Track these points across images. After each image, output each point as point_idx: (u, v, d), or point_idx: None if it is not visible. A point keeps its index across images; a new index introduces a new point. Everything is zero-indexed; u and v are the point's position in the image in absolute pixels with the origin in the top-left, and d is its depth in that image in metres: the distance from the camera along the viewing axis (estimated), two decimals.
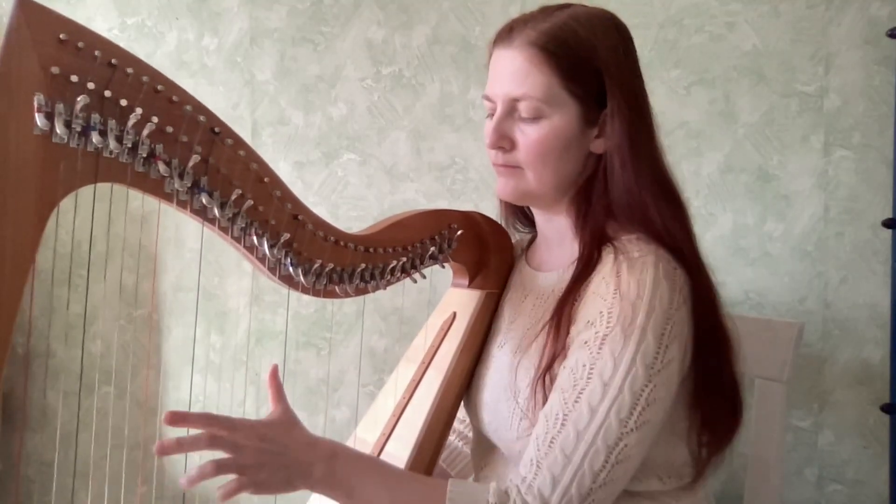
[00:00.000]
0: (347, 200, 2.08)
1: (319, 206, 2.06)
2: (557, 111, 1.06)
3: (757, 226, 1.83)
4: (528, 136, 1.07)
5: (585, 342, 0.99)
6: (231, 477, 0.90)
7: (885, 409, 1.70)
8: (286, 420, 0.97)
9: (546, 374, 1.04)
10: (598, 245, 1.07)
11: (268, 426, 0.95)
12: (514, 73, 1.06)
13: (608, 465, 0.94)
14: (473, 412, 1.23)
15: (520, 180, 1.11)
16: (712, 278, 1.08)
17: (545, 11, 1.09)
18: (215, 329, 2.15)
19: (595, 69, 1.06)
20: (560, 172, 1.10)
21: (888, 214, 1.71)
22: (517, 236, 1.32)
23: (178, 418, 0.88)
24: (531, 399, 1.05)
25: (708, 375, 1.05)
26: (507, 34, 1.09)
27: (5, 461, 2.09)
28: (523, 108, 1.06)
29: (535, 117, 1.06)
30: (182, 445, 0.87)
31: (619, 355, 0.96)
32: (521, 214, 1.29)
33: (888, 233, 1.71)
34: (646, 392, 0.95)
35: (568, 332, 1.03)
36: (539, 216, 1.21)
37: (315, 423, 2.09)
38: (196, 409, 2.10)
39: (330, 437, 1.01)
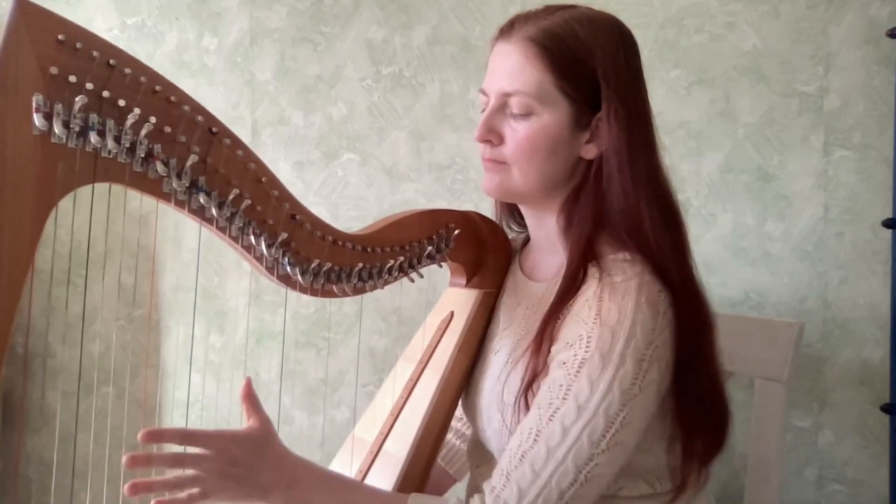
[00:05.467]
0: (347, 200, 2.08)
1: (319, 206, 2.07)
2: (548, 109, 1.04)
3: (757, 226, 1.83)
4: (516, 132, 1.06)
5: (564, 363, 0.98)
6: None
7: (885, 409, 1.70)
8: (261, 437, 0.98)
9: (528, 392, 1.03)
10: (583, 263, 1.05)
11: (241, 445, 0.95)
12: (509, 67, 1.06)
13: (576, 483, 0.95)
14: (471, 416, 1.23)
15: (504, 177, 1.10)
16: (704, 296, 1.06)
17: (548, 10, 1.08)
18: (215, 329, 2.15)
19: (591, 71, 1.04)
20: (545, 173, 1.08)
21: (888, 214, 1.71)
22: (511, 235, 1.31)
23: (153, 436, 0.90)
24: (514, 415, 1.05)
25: (692, 393, 1.03)
26: (507, 29, 1.08)
27: (5, 461, 2.10)
28: (514, 104, 1.05)
29: (526, 114, 1.05)
30: (152, 461, 0.89)
31: (597, 380, 0.95)
32: (517, 213, 1.28)
33: (888, 233, 1.71)
34: (621, 416, 0.95)
35: (549, 351, 1.03)
36: (529, 219, 1.20)
37: (315, 422, 2.10)
38: (195, 409, 2.10)
39: (330, 437, 1.02)
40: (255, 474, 0.95)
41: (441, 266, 1.22)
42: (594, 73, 1.04)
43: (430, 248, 1.17)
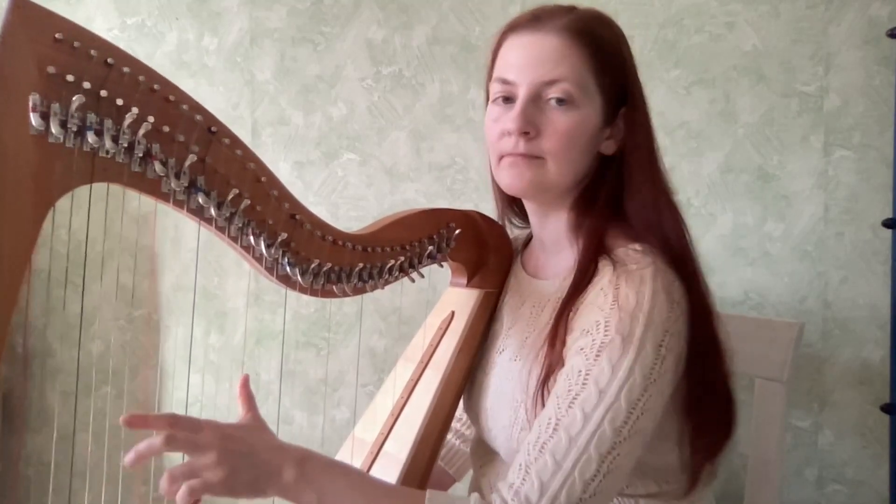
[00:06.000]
0: (347, 200, 2.08)
1: (319, 206, 2.07)
2: (587, 102, 1.04)
3: (757, 226, 1.82)
4: (557, 124, 1.04)
5: (581, 349, 0.97)
6: None
7: (885, 409, 1.70)
8: (254, 424, 0.94)
9: (544, 386, 1.02)
10: (595, 256, 1.05)
11: (234, 427, 0.91)
12: (549, 56, 1.04)
13: (599, 474, 0.91)
14: (474, 417, 1.22)
15: (538, 171, 1.06)
16: (708, 287, 1.07)
17: (566, 9, 1.09)
18: (215, 329, 2.15)
19: (619, 67, 1.07)
20: (578, 167, 1.08)
21: (888, 214, 1.71)
22: (514, 231, 1.31)
23: (138, 421, 0.84)
24: (532, 411, 1.03)
25: (701, 385, 1.03)
26: (532, 21, 1.07)
27: (5, 461, 2.09)
28: (555, 92, 1.03)
29: (567, 103, 1.03)
30: (151, 449, 0.84)
31: (618, 363, 0.93)
32: (518, 209, 1.27)
33: (888, 233, 1.71)
34: (642, 401, 0.93)
35: (564, 343, 1.02)
36: (535, 217, 1.19)
37: (315, 423, 2.09)
38: (195, 409, 2.10)
39: (330, 438, 0.99)
40: (259, 452, 0.89)
41: (442, 266, 1.22)
42: (622, 68, 1.07)
43: (430, 247, 1.16)
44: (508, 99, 1.08)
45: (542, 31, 1.05)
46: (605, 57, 1.05)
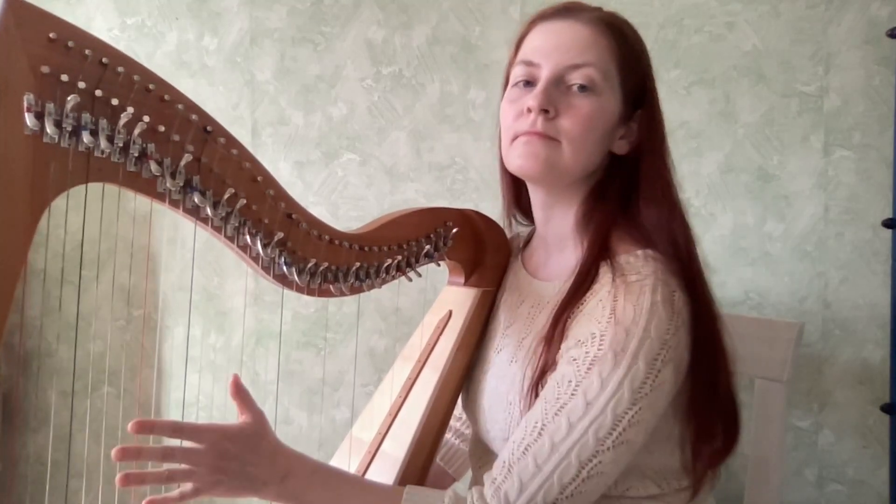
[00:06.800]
0: (347, 200, 2.08)
1: (319, 206, 2.07)
2: (608, 92, 1.06)
3: (757, 226, 1.82)
4: (577, 107, 1.05)
5: (574, 359, 0.98)
6: None
7: (885, 409, 1.69)
8: (254, 431, 0.96)
9: (536, 388, 1.03)
10: (598, 258, 1.05)
11: (233, 440, 0.94)
12: (578, 41, 1.06)
13: (578, 479, 0.94)
14: (472, 416, 1.22)
15: (553, 152, 1.06)
16: (712, 292, 1.07)
17: (591, 6, 1.11)
18: (215, 329, 2.15)
19: (642, 69, 1.10)
20: (591, 157, 1.08)
21: (888, 214, 1.70)
22: (517, 228, 1.30)
23: (144, 427, 0.88)
24: (525, 410, 1.04)
25: (703, 390, 1.03)
26: (563, 11, 1.10)
27: (5, 461, 2.10)
28: (579, 77, 1.04)
29: (589, 91, 1.05)
30: (142, 454, 0.88)
31: (607, 378, 0.94)
32: (524, 204, 1.26)
33: (888, 233, 1.70)
34: (629, 414, 0.94)
35: (559, 349, 1.02)
36: (542, 210, 1.18)
37: (315, 422, 2.09)
38: (194, 409, 2.10)
39: (329, 438, 1.00)
40: (249, 468, 0.94)
41: (439, 265, 1.22)
42: (643, 69, 1.10)
43: (427, 246, 1.16)
44: (529, 83, 1.09)
45: (573, 19, 1.08)
46: (630, 54, 1.08)
